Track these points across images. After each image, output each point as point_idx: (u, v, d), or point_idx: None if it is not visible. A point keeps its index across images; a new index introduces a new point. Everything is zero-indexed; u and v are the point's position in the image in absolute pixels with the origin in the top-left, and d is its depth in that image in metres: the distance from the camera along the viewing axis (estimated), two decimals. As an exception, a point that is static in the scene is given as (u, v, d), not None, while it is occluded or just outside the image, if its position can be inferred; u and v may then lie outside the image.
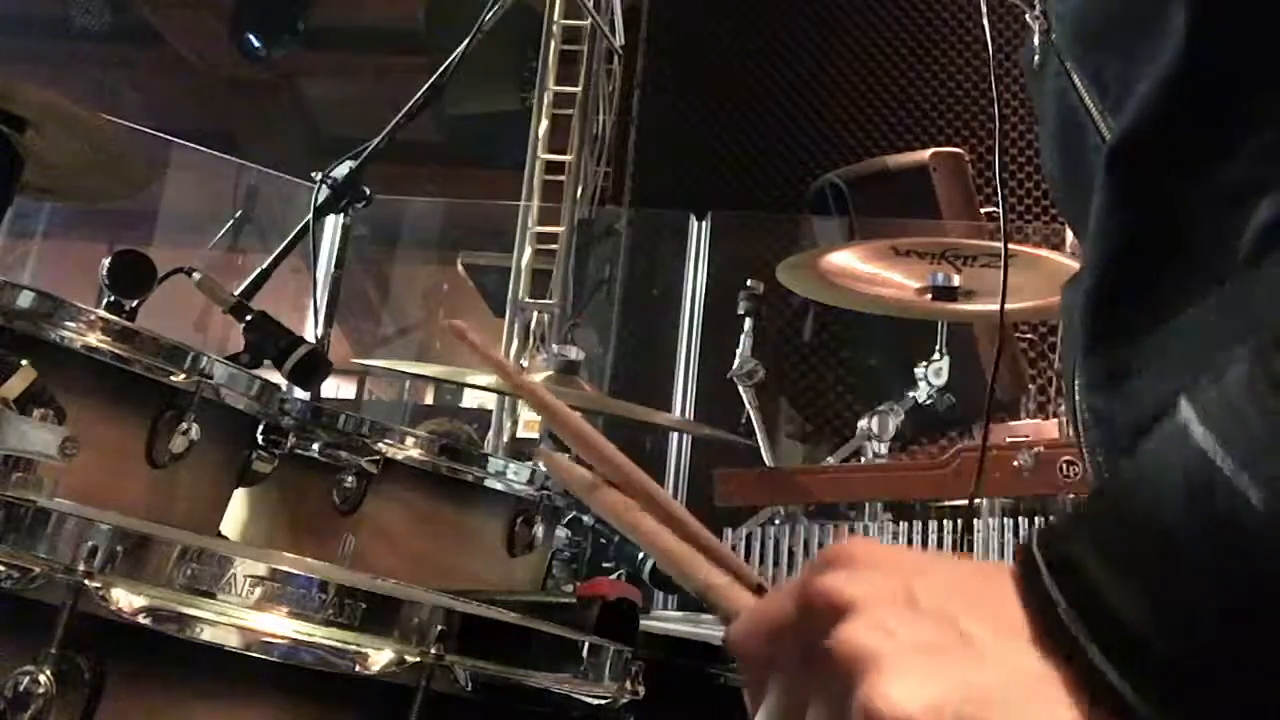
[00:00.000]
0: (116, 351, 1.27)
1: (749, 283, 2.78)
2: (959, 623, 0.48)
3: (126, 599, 0.78)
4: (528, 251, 4.42)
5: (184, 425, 1.30)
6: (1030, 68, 0.81)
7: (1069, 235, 2.79)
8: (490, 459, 1.70)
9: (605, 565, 1.93)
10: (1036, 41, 0.79)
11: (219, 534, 1.51)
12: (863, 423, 2.58)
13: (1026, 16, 0.79)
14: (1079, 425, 0.75)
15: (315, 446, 1.57)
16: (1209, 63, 0.62)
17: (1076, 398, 0.73)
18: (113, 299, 1.45)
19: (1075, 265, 0.89)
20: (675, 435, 3.89)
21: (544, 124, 4.53)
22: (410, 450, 1.61)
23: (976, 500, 2.30)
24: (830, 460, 2.95)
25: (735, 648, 0.56)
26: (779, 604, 0.54)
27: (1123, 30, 0.68)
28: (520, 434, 4.16)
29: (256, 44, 6.64)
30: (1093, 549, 0.48)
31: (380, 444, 1.59)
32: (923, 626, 0.48)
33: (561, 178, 4.46)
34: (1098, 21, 0.71)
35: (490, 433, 4.21)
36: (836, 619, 0.49)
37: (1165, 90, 0.63)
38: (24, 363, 1.04)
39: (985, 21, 0.86)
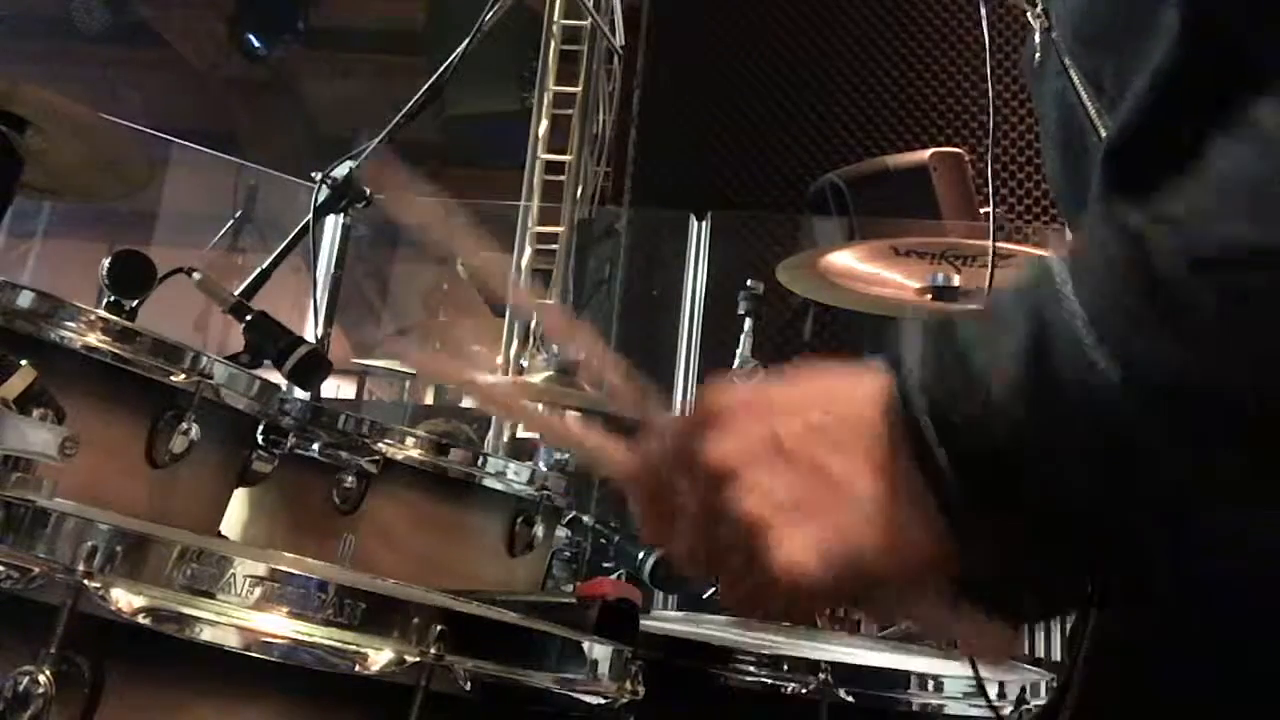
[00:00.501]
0: (116, 351, 1.27)
1: (749, 283, 2.78)
2: (821, 463, 0.57)
3: (126, 599, 0.78)
4: (528, 251, 4.42)
5: (184, 425, 1.30)
6: (1031, 67, 0.81)
7: (1069, 235, 2.79)
8: (490, 459, 1.70)
9: (605, 565, 1.93)
10: (1038, 40, 0.79)
11: (219, 534, 1.51)
12: (863, 423, 2.57)
13: (1028, 15, 0.79)
14: None
15: (315, 446, 1.57)
16: (1202, 61, 0.62)
17: None
18: (113, 299, 1.45)
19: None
20: (675, 435, 3.88)
21: (544, 124, 4.53)
22: (410, 450, 1.61)
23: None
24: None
25: (628, 483, 0.66)
26: (665, 459, 0.63)
27: (1118, 30, 0.68)
28: (520, 434, 4.16)
29: (256, 44, 6.63)
30: (951, 360, 0.56)
31: (380, 444, 1.59)
32: (793, 478, 0.57)
33: (561, 178, 4.46)
34: (1096, 21, 0.72)
35: (490, 433, 4.21)
36: (722, 482, 0.59)
37: (1159, 89, 0.64)
38: (24, 363, 1.03)
39: (984, 26, 0.87)
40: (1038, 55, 0.79)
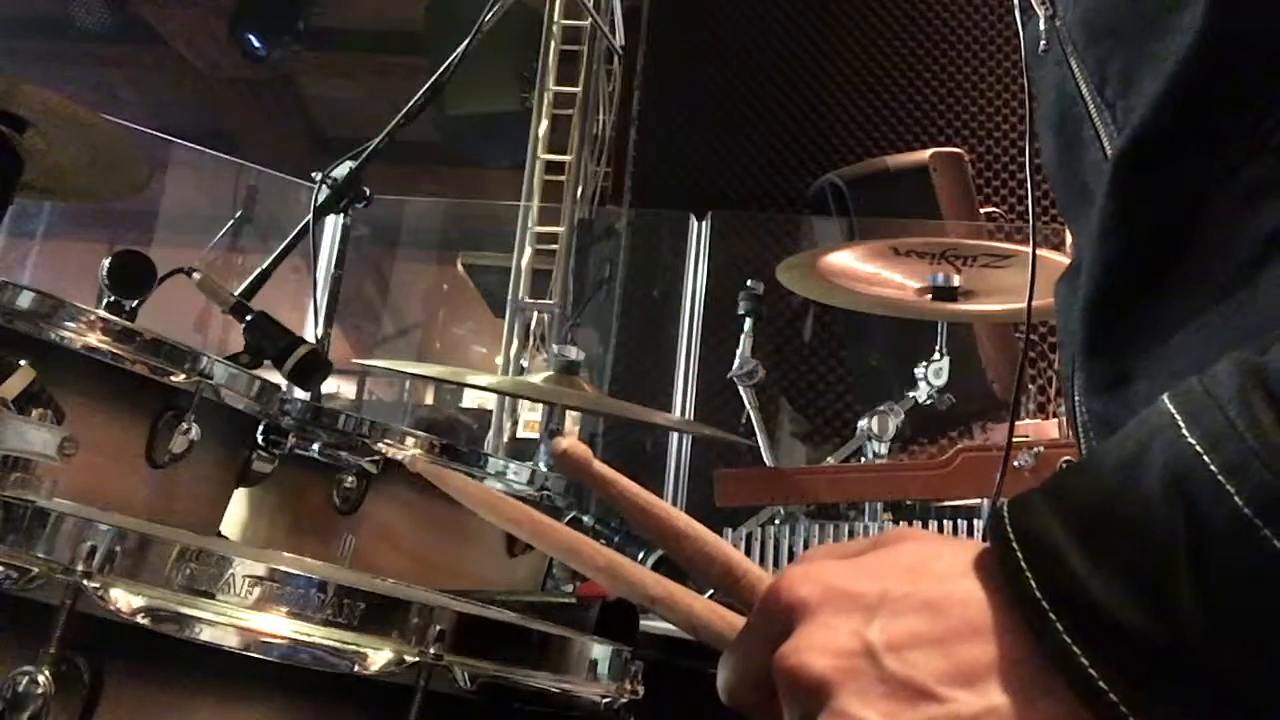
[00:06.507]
0: (116, 351, 1.27)
1: (749, 283, 2.78)
2: (926, 682, 0.49)
3: (125, 599, 0.78)
4: (528, 251, 4.42)
5: (184, 425, 1.30)
6: (1034, 51, 0.80)
7: (1069, 235, 2.79)
8: (490, 459, 1.70)
9: (605, 565, 1.93)
10: (1042, 26, 0.78)
11: (219, 534, 1.51)
12: (863, 423, 2.58)
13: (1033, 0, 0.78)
14: (1078, 426, 0.74)
15: (315, 446, 1.57)
16: (1223, 66, 0.60)
17: (1076, 398, 0.73)
18: (113, 299, 1.45)
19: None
20: (675, 435, 3.89)
21: (544, 124, 4.53)
22: (410, 450, 1.61)
23: (977, 500, 2.30)
24: (830, 460, 2.95)
25: (732, 699, 0.59)
26: (756, 661, 0.56)
27: (1131, 24, 0.67)
28: (520, 434, 4.16)
29: (256, 44, 6.63)
30: (1073, 539, 0.48)
31: (380, 444, 1.59)
32: (895, 700, 0.49)
33: (561, 178, 4.47)
34: (1107, 12, 0.70)
35: (490, 433, 4.22)
36: (816, 701, 0.51)
37: (1177, 90, 0.62)
38: (24, 363, 1.03)
39: (1017, 14, 0.86)
40: (1043, 42, 0.77)
